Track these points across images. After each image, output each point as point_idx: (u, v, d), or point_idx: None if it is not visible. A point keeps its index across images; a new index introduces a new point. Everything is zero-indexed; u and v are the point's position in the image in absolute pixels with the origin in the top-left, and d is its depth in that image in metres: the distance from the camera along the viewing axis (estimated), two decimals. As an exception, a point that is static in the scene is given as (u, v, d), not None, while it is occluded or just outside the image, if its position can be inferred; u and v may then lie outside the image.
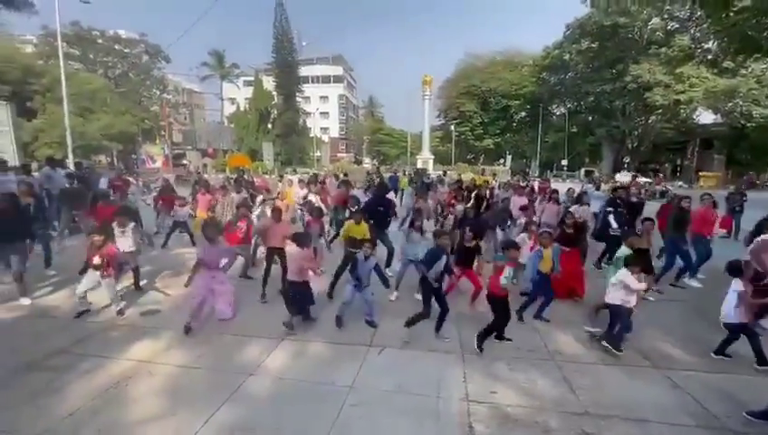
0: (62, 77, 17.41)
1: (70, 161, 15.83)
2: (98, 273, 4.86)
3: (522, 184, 12.00)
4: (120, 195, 9.09)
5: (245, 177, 12.98)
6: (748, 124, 33.01)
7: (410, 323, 4.41)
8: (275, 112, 45.75)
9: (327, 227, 8.40)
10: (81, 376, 3.68)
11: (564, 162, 44.61)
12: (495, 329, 4.28)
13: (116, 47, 43.60)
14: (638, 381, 3.74)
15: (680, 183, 33.06)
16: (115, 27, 43.57)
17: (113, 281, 5.05)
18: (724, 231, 9.75)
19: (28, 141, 27.42)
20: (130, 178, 14.27)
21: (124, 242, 5.60)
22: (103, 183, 11.49)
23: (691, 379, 3.76)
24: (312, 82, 62.53)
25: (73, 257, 6.47)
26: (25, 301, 5.40)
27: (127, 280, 5.99)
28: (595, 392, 3.53)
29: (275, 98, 45.39)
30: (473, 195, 9.61)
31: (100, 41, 41.94)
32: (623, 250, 4.74)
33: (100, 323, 4.86)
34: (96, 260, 4.84)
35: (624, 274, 4.21)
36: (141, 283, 6.10)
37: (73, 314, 4.92)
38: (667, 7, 29.39)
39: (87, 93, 32.35)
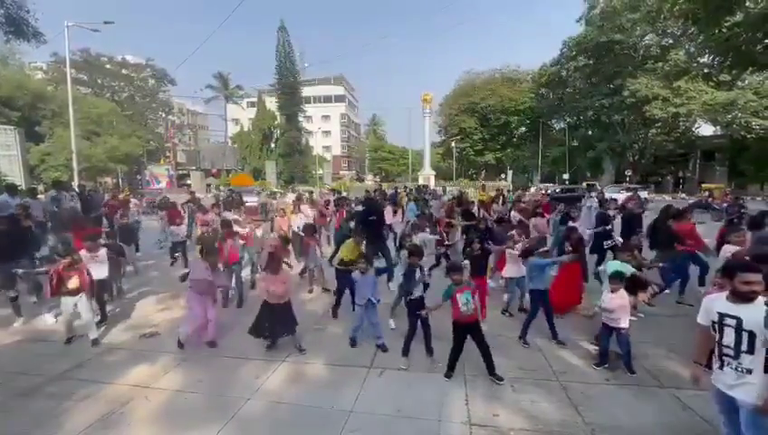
0: (70, 102, 17.85)
1: (75, 183, 16.04)
2: (72, 298, 4.71)
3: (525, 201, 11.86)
4: (114, 215, 9.15)
5: (235, 196, 13.05)
6: (748, 136, 33.04)
7: (405, 350, 4.33)
8: (278, 132, 46.44)
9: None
10: (80, 402, 3.64)
11: (566, 176, 44.68)
12: (451, 355, 4.00)
13: (123, 72, 44.86)
14: (646, 402, 3.63)
15: (683, 195, 32.98)
16: (123, 51, 45.02)
17: (88, 303, 4.80)
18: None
19: (35, 165, 27.87)
20: (133, 199, 14.38)
21: (96, 269, 5.19)
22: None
23: (700, 398, 3.62)
24: (315, 101, 63.82)
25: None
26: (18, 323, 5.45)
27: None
28: (601, 414, 3.43)
29: (278, 118, 46.13)
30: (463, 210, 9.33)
31: (107, 66, 43.23)
32: (610, 265, 4.80)
33: (98, 346, 4.81)
34: (71, 283, 4.69)
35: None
36: (139, 302, 6.07)
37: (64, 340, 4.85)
38: (661, 23, 29.92)
39: (94, 117, 33.04)
